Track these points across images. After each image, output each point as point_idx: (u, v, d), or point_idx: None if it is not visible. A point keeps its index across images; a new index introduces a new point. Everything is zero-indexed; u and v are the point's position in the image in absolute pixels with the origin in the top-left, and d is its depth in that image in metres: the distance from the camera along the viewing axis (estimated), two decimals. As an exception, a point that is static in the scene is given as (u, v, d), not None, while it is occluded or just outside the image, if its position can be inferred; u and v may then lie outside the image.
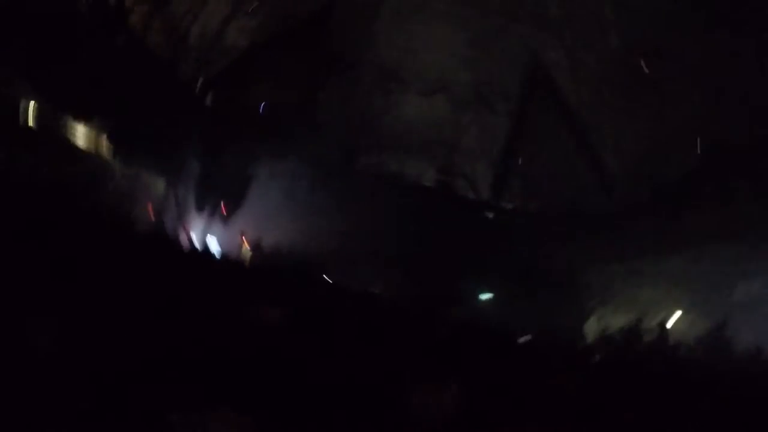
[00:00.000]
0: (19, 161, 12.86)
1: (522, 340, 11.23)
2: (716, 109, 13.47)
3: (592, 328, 16.35)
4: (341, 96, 19.30)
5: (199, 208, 18.67)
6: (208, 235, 18.78)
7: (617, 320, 15.29)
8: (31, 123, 13.50)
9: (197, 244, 17.19)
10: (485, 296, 18.51)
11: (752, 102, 13.38)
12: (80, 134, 15.94)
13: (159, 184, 18.48)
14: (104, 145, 16.10)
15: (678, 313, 15.68)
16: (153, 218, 17.28)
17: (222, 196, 18.92)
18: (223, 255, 17.18)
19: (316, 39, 18.15)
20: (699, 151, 13.42)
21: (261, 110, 19.05)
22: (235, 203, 19.08)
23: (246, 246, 17.85)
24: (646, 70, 14.78)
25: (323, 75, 18.88)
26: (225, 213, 18.98)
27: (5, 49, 11.25)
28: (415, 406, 3.26)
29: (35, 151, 13.37)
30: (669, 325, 14.27)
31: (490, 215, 19.42)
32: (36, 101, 13.46)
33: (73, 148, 15.25)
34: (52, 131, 14.26)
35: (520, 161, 18.75)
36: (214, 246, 18.01)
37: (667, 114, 14.64)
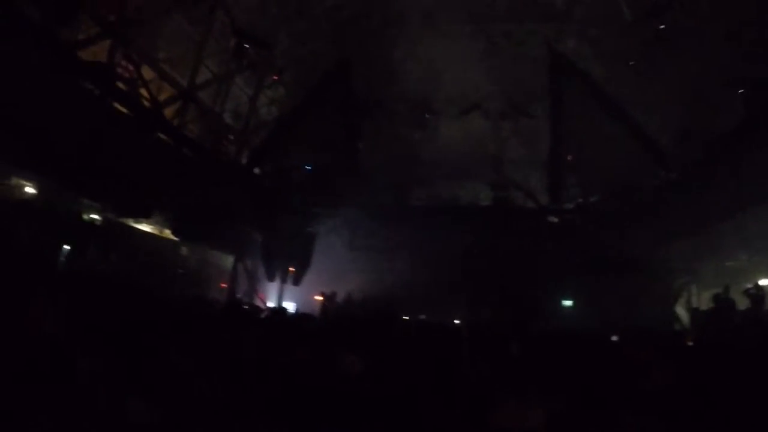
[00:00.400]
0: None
1: (613, 338, 10.81)
2: (752, 51, 12.79)
3: (683, 308, 15.55)
4: (379, 137, 19.62)
5: (270, 278, 19.25)
6: (284, 301, 19.31)
7: (706, 295, 14.40)
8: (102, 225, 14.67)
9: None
10: (567, 302, 17.97)
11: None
12: (147, 230, 17.09)
13: (228, 263, 19.33)
14: (170, 236, 17.13)
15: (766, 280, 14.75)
16: (228, 295, 18.03)
17: (288, 262, 19.45)
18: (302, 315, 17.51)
19: (341, 90, 18.63)
20: (743, 98, 12.65)
21: (307, 170, 19.62)
22: (302, 265, 19.56)
23: (322, 303, 18.13)
24: (662, 29, 14.26)
25: (357, 121, 19.29)
26: (295, 277, 19.48)
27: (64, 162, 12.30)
28: (501, 426, 3.22)
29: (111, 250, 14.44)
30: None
31: (554, 219, 18.95)
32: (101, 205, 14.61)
33: (143, 243, 16.33)
34: (122, 231, 15.31)
35: (569, 158, 18.33)
36: (292, 310, 18.39)
37: (698, 69, 14.02)
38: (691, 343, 9.44)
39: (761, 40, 12.20)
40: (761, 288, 13.07)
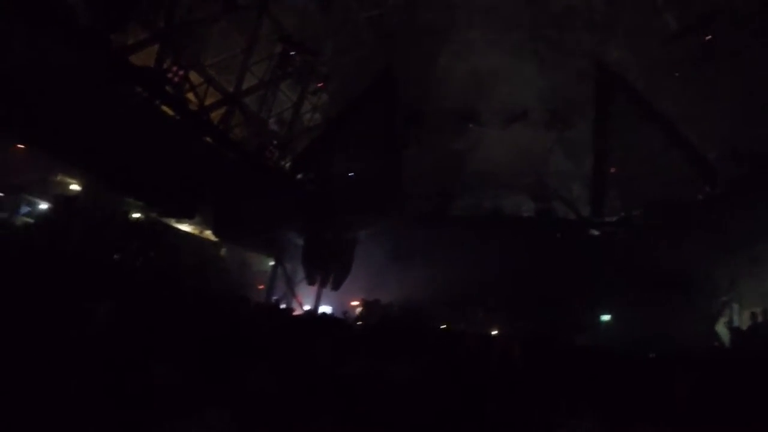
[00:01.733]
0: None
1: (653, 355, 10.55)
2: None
3: (724, 326, 14.96)
4: (422, 147, 19.65)
5: (310, 281, 19.49)
6: (322, 305, 19.51)
7: (746, 314, 13.86)
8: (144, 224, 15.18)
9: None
10: (605, 317, 17.56)
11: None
12: (188, 230, 17.58)
13: (266, 265, 19.68)
14: (211, 237, 17.58)
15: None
16: (266, 296, 18.35)
17: (329, 266, 19.66)
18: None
19: (385, 97, 18.78)
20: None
21: (349, 177, 19.83)
22: (342, 271, 19.74)
23: (361, 310, 18.23)
24: (709, 40, 13.83)
25: (400, 130, 19.39)
26: (334, 282, 19.67)
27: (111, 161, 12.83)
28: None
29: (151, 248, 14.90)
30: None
31: (596, 232, 18.57)
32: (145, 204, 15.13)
33: (184, 242, 16.80)
34: (164, 231, 15.79)
35: (612, 170, 17.96)
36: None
37: (746, 84, 13.55)
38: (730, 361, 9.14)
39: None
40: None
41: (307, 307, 18.82)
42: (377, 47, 18.44)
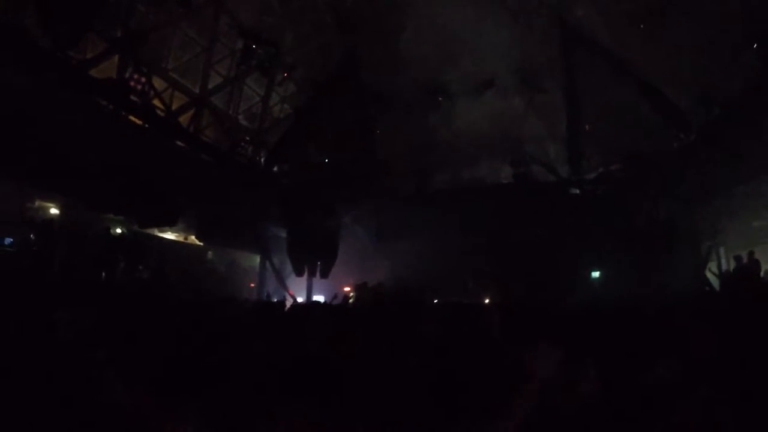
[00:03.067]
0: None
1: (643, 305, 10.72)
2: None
3: (713, 270, 15.30)
4: (395, 125, 19.52)
5: (298, 273, 19.43)
6: (314, 295, 19.50)
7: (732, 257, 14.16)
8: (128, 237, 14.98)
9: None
10: (595, 274, 17.83)
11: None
12: (172, 238, 17.38)
13: (255, 262, 19.58)
14: (196, 242, 17.41)
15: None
16: (257, 294, 18.27)
17: (315, 256, 19.60)
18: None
19: (352, 80, 18.58)
20: (759, 53, 12.28)
21: (325, 164, 19.70)
22: (328, 258, 19.70)
23: (351, 293, 18.25)
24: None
25: (371, 111, 19.24)
26: (322, 270, 19.65)
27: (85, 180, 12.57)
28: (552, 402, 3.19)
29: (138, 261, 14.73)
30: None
31: (577, 191, 18.76)
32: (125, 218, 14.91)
33: (170, 251, 16.61)
34: (148, 242, 15.59)
35: (587, 128, 18.07)
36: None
37: (710, 30, 13.64)
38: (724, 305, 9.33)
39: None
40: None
41: (300, 299, 18.79)
42: (339, 31, 18.11)
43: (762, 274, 12.85)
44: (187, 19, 15.02)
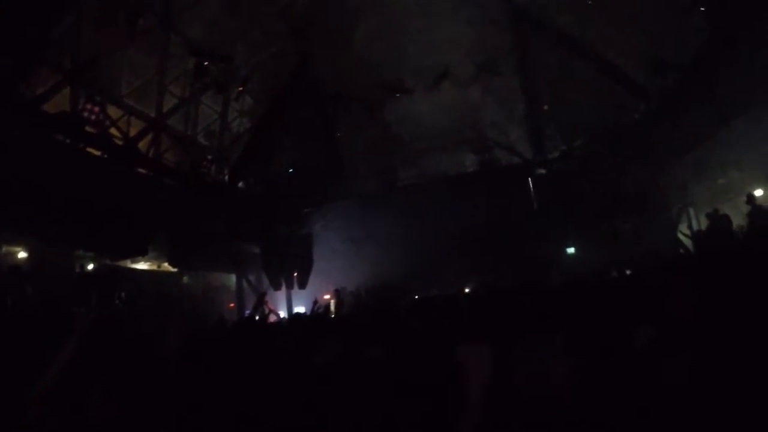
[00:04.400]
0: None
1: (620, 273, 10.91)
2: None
3: (685, 232, 15.77)
4: (356, 126, 19.41)
5: (275, 287, 19.15)
6: (294, 307, 19.25)
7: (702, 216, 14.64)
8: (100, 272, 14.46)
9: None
10: (570, 250, 18.14)
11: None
12: (145, 268, 16.87)
13: (232, 282, 19.20)
14: (170, 268, 16.93)
15: (759, 191, 15.00)
16: (238, 313, 17.92)
17: (290, 267, 19.36)
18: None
19: (310, 87, 18.37)
20: (706, 15, 12.66)
21: (290, 173, 19.44)
22: (304, 268, 19.50)
23: (332, 301, 18.09)
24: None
25: (330, 114, 19.07)
26: (299, 281, 19.43)
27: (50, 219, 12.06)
28: (523, 386, 3.13)
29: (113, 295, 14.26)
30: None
31: (543, 171, 19.02)
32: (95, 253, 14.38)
33: (144, 281, 16.13)
34: (121, 275, 15.11)
35: (545, 107, 18.36)
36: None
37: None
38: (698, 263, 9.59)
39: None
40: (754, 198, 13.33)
41: (281, 313, 18.51)
42: (292, 38, 17.86)
43: (734, 228, 13.21)
44: (137, 42, 14.49)
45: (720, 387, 3.16)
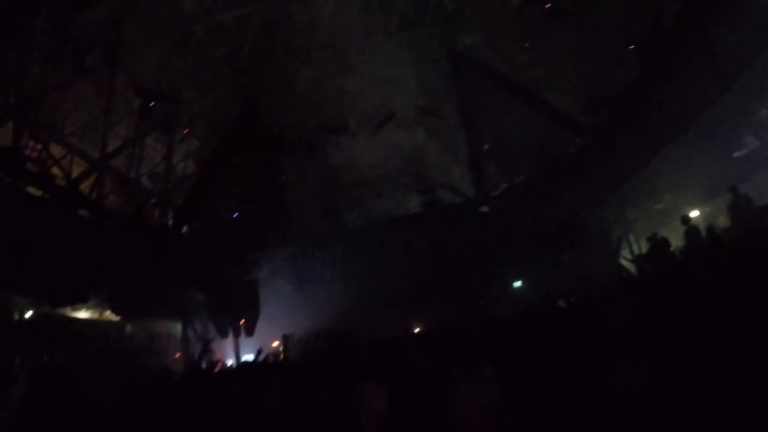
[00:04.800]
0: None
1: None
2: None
3: (627, 257, 16.49)
4: (301, 169, 19.48)
5: (223, 335, 18.48)
6: (243, 356, 18.57)
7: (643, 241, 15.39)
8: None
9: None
10: (517, 284, 18.58)
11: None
12: (86, 317, 15.91)
13: (178, 330, 18.38)
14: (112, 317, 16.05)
15: (696, 212, 16.01)
16: (184, 363, 17.09)
17: (237, 314, 18.78)
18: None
19: (255, 131, 18.39)
20: (637, 52, 13.78)
21: (235, 218, 19.14)
22: (251, 315, 18.96)
23: (281, 347, 17.61)
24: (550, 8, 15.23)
25: (275, 158, 19.08)
26: (247, 328, 18.84)
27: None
28: (457, 400, 3.25)
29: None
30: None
31: (486, 209, 19.56)
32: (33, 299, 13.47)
33: (85, 330, 15.19)
34: (61, 323, 14.20)
35: (486, 147, 19.10)
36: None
37: (589, 38, 15.18)
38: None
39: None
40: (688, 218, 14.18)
41: (229, 362, 17.83)
42: (237, 81, 17.96)
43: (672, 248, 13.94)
44: (82, 80, 14.17)
45: (669, 395, 3.40)
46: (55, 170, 13.93)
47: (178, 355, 17.89)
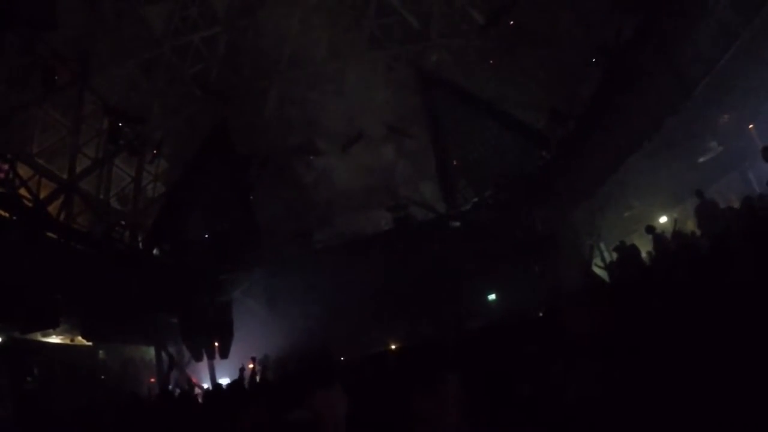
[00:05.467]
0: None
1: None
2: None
3: (599, 265, 16.84)
4: (271, 189, 19.45)
5: (197, 358, 18.15)
6: (218, 378, 18.25)
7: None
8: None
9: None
10: (491, 296, 18.77)
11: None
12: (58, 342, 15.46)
13: (151, 354, 17.98)
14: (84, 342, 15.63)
15: (664, 217, 16.49)
16: (159, 388, 16.69)
17: (210, 337, 18.48)
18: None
19: (224, 151, 18.33)
20: (598, 64, 14.25)
21: (205, 239, 18.93)
22: (225, 337, 18.67)
23: (256, 369, 17.37)
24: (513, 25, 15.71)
25: (245, 178, 19.02)
26: (221, 350, 18.54)
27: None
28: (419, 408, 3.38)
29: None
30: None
31: (457, 223, 19.79)
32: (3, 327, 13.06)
33: (57, 356, 14.75)
34: (30, 349, 13.78)
35: (455, 163, 19.40)
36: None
37: (553, 55, 15.69)
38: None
39: (598, 8, 13.84)
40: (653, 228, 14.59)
41: (205, 386, 17.49)
42: (207, 101, 17.93)
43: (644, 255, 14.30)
44: (51, 99, 13.99)
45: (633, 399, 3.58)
46: (23, 191, 13.64)
47: (152, 379, 17.48)
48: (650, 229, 14.19)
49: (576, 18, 14.88)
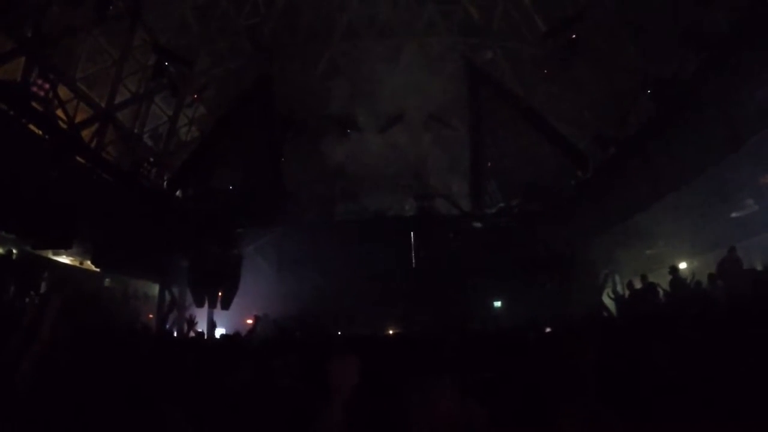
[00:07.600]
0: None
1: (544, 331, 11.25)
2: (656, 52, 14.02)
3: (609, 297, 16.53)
4: (303, 154, 19.48)
5: (199, 303, 18.46)
6: (216, 327, 18.55)
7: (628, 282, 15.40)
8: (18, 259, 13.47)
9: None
10: (497, 303, 18.62)
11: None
12: (67, 262, 15.89)
13: (155, 292, 18.36)
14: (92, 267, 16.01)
15: (684, 264, 16.05)
16: (157, 326, 17.07)
17: (216, 286, 18.75)
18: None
19: (264, 108, 18.35)
20: (651, 96, 13.78)
21: (230, 191, 19.11)
22: (230, 289, 18.92)
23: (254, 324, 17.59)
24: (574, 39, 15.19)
25: (279, 139, 19.06)
26: (223, 301, 18.81)
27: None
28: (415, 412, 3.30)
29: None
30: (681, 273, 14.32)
31: (479, 224, 19.60)
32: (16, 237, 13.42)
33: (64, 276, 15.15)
34: (40, 265, 14.14)
35: (489, 164, 19.15)
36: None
37: (606, 76, 15.23)
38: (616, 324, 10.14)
39: (664, 42, 13.35)
40: (677, 269, 14.21)
41: (200, 330, 17.80)
42: (255, 56, 17.93)
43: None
44: (101, 27, 14.14)
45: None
46: (60, 113, 13.90)
47: (151, 316, 17.89)
48: (674, 270, 13.90)
49: (640, 48, 14.36)
